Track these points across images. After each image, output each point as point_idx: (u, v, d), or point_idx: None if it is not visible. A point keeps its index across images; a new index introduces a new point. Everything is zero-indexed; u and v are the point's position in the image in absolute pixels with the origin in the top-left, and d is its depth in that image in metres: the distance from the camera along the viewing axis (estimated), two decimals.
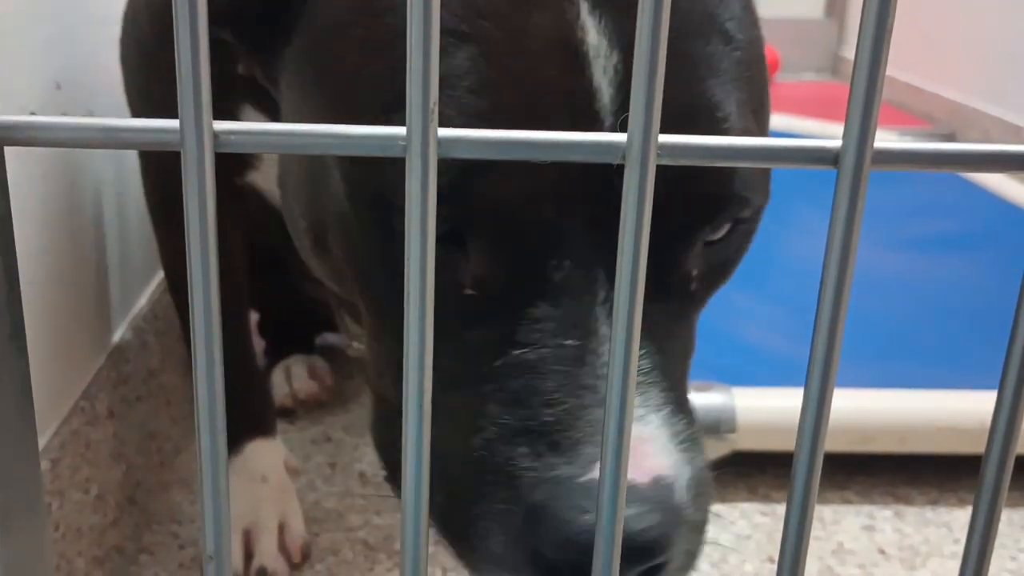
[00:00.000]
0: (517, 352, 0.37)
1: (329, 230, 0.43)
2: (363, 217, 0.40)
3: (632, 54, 0.38)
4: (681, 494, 0.37)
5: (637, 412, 0.37)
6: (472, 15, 0.37)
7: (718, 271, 0.45)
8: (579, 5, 0.38)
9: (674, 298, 0.41)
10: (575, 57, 0.37)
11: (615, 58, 0.37)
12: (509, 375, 0.37)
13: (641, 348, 0.37)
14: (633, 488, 0.35)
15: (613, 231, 0.38)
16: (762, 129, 0.43)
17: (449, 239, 0.38)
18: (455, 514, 0.39)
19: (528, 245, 0.37)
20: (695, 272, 0.43)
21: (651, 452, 0.37)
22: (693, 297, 0.44)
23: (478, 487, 0.38)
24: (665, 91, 0.39)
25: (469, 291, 0.39)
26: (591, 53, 0.37)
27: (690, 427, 0.40)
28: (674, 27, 0.39)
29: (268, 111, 0.54)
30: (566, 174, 0.37)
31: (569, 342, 0.37)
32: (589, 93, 0.37)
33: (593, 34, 0.38)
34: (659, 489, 0.36)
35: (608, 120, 0.38)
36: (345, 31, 0.41)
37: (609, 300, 0.38)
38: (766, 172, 0.44)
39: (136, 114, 0.68)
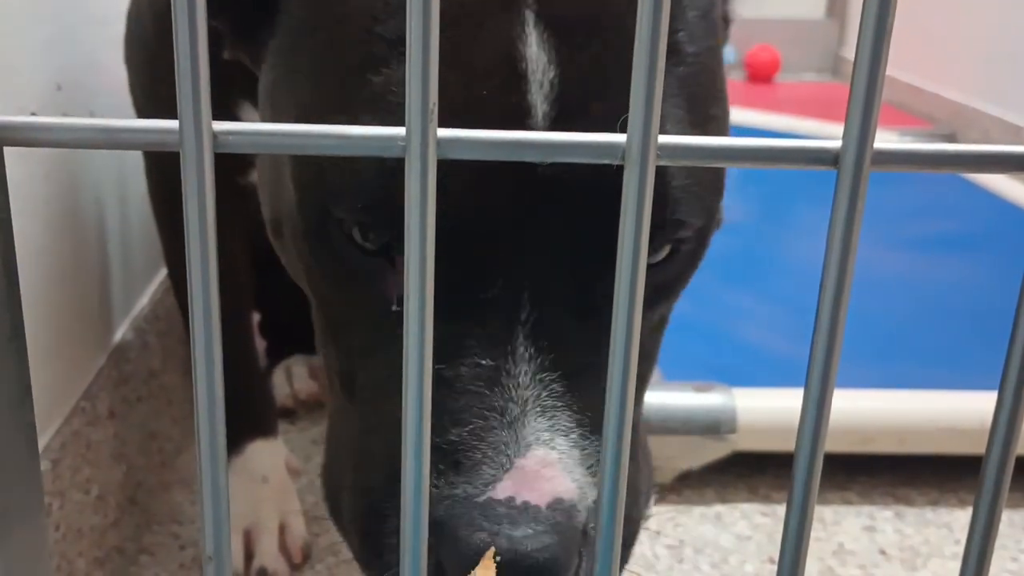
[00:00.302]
0: (435, 368, 0.38)
1: (284, 226, 0.44)
2: (307, 219, 0.41)
3: (569, 71, 0.39)
4: (583, 517, 0.37)
5: (544, 436, 0.37)
6: None
7: (661, 293, 0.44)
8: (525, 18, 0.38)
9: (606, 314, 0.41)
10: (513, 72, 0.38)
11: (552, 73, 0.38)
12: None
13: (555, 370, 0.38)
14: (529, 510, 0.35)
15: (539, 252, 0.38)
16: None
17: (381, 254, 0.39)
18: (362, 527, 0.40)
19: (453, 264, 0.37)
20: None
21: (552, 475, 0.36)
22: None
23: (385, 501, 0.38)
24: (597, 108, 0.39)
25: (396, 308, 0.40)
26: (529, 68, 0.38)
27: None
28: (618, 46, 0.39)
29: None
30: (495, 194, 0.37)
31: (485, 361, 0.38)
32: (522, 110, 0.38)
33: (534, 49, 0.38)
34: (557, 512, 0.36)
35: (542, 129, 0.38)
36: (313, 30, 0.42)
37: (531, 320, 0.38)
38: (715, 195, 0.43)
39: (140, 113, 0.68)
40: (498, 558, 0.34)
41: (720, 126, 0.45)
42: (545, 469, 0.36)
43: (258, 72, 0.48)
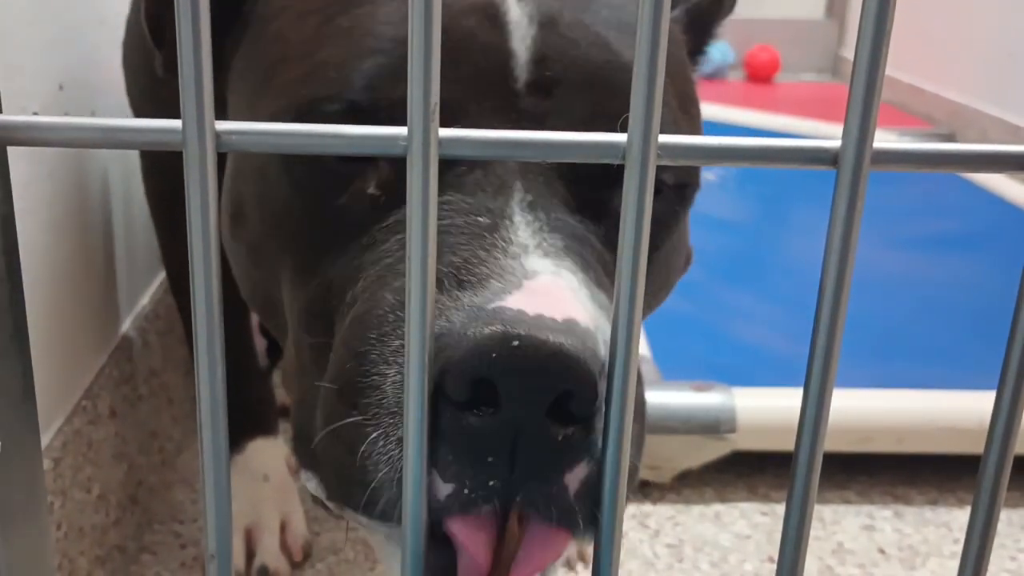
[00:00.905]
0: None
1: (247, 205, 0.44)
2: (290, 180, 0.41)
3: (549, 28, 0.41)
4: (601, 349, 0.31)
5: (550, 267, 0.34)
6: None
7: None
8: None
9: (599, 224, 0.40)
10: (494, 21, 0.40)
11: (533, 30, 0.41)
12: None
13: (556, 234, 0.36)
14: (545, 320, 0.30)
15: (524, 126, 0.39)
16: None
17: (359, 159, 0.40)
18: (359, 366, 0.35)
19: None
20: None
21: (564, 297, 0.32)
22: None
23: (386, 335, 0.34)
24: (577, 54, 0.40)
25: (372, 191, 0.39)
26: (511, 23, 0.41)
27: (611, 300, 0.37)
28: (596, 11, 0.41)
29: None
30: (479, 78, 0.39)
31: (481, 219, 0.36)
32: (505, 51, 0.40)
33: (515, 10, 0.41)
34: (575, 329, 0.31)
35: (522, 78, 0.40)
36: (278, 14, 0.44)
37: (527, 198, 0.37)
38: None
39: (137, 115, 0.68)
40: (515, 342, 0.29)
41: (695, 123, 0.47)
42: (556, 291, 0.33)
43: (225, 91, 0.48)
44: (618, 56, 0.41)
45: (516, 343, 0.29)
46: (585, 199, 0.40)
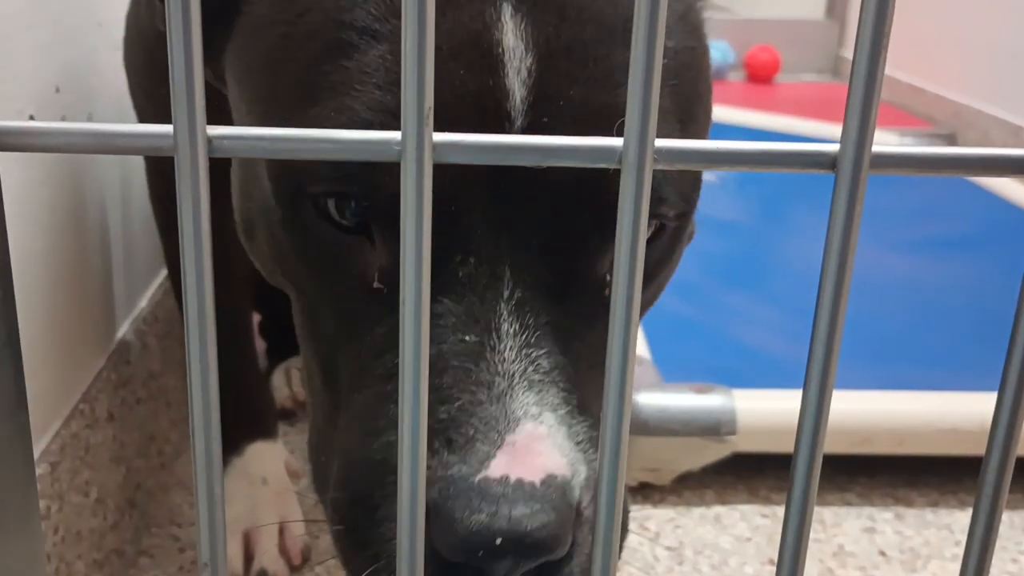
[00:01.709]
0: None
1: (256, 223, 0.44)
2: (283, 200, 0.41)
3: (546, 57, 0.39)
4: (575, 493, 0.36)
5: (532, 411, 0.37)
6: (388, 14, 0.38)
7: (648, 274, 0.44)
8: (500, 7, 0.38)
9: (585, 301, 0.41)
10: (488, 57, 0.38)
11: (529, 60, 0.38)
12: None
13: (542, 347, 0.38)
14: (523, 487, 0.35)
15: (519, 226, 0.38)
16: (691, 138, 0.43)
17: (359, 231, 0.39)
18: (357, 518, 0.39)
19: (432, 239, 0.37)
20: (609, 277, 0.42)
21: (543, 450, 0.36)
22: (607, 302, 0.43)
23: (378, 489, 0.38)
24: (576, 92, 0.39)
25: (377, 284, 0.39)
26: (506, 55, 0.38)
27: (593, 430, 0.39)
28: (595, 32, 0.39)
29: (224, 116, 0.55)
30: (472, 168, 0.37)
31: (469, 338, 0.37)
32: (500, 92, 0.38)
33: (510, 36, 0.38)
34: (551, 488, 0.35)
35: (519, 120, 0.38)
36: (269, 28, 0.42)
37: (514, 297, 0.38)
38: (694, 179, 0.43)
39: (140, 115, 0.67)
40: (498, 540, 0.34)
41: (700, 128, 0.45)
42: (536, 443, 0.36)
43: (224, 88, 0.48)
44: (617, 88, 0.39)
45: (499, 540, 0.34)
46: (570, 273, 0.40)
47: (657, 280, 0.45)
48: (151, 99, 0.65)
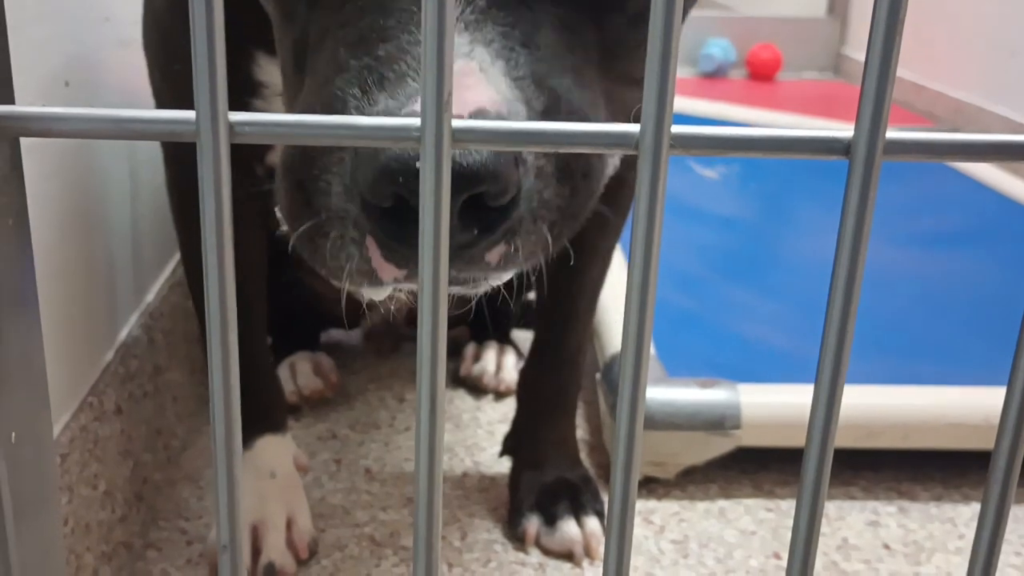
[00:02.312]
0: None
1: None
2: None
3: None
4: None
5: (463, 48, 0.36)
6: None
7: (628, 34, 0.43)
8: None
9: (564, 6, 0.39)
10: None
11: None
12: (343, 23, 0.38)
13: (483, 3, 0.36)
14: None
15: None
16: None
17: None
18: (302, 173, 0.38)
19: None
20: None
21: (470, 84, 0.35)
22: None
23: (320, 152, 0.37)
24: None
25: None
26: None
27: (539, 64, 0.37)
28: None
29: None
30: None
31: None
32: None
33: None
34: (486, 116, 0.34)
35: None
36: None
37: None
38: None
39: (159, 95, 0.67)
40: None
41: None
42: (465, 79, 0.35)
43: None
44: None
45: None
46: None
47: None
48: (166, 78, 0.65)
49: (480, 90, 0.35)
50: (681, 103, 1.86)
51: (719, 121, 1.78)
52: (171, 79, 0.64)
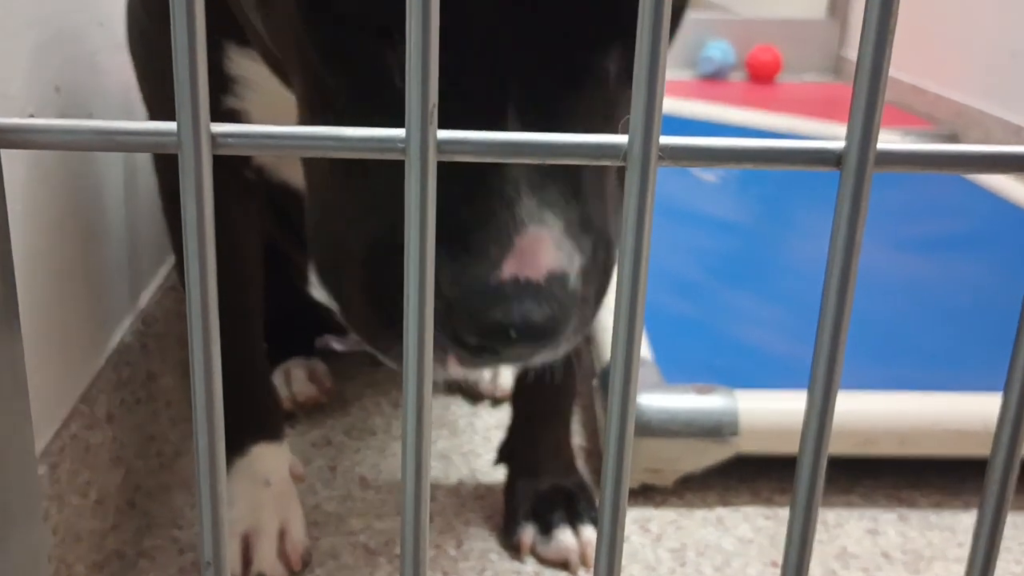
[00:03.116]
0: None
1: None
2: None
3: None
4: (572, 282, 0.41)
5: (535, 214, 0.41)
6: None
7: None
8: None
9: (591, 92, 0.42)
10: None
11: None
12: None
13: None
14: (530, 285, 0.40)
15: (525, 24, 0.39)
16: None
17: (380, 34, 0.40)
18: (386, 312, 0.42)
19: (450, 43, 0.38)
20: (614, 73, 0.43)
21: (545, 250, 0.41)
22: (609, 100, 0.44)
23: (394, 267, 0.40)
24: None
25: (399, 84, 0.41)
26: None
27: (583, 207, 0.42)
28: None
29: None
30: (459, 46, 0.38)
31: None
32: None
33: None
34: (553, 283, 0.40)
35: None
36: None
37: (521, 99, 0.40)
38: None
39: (146, 98, 0.67)
40: (512, 332, 0.40)
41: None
42: (539, 244, 0.40)
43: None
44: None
45: (513, 333, 0.40)
46: (574, 68, 0.41)
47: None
48: (147, 78, 0.65)
49: (551, 255, 0.41)
50: (680, 106, 1.85)
51: (718, 123, 1.78)
52: (153, 79, 0.64)
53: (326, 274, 0.46)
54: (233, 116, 0.60)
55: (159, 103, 0.65)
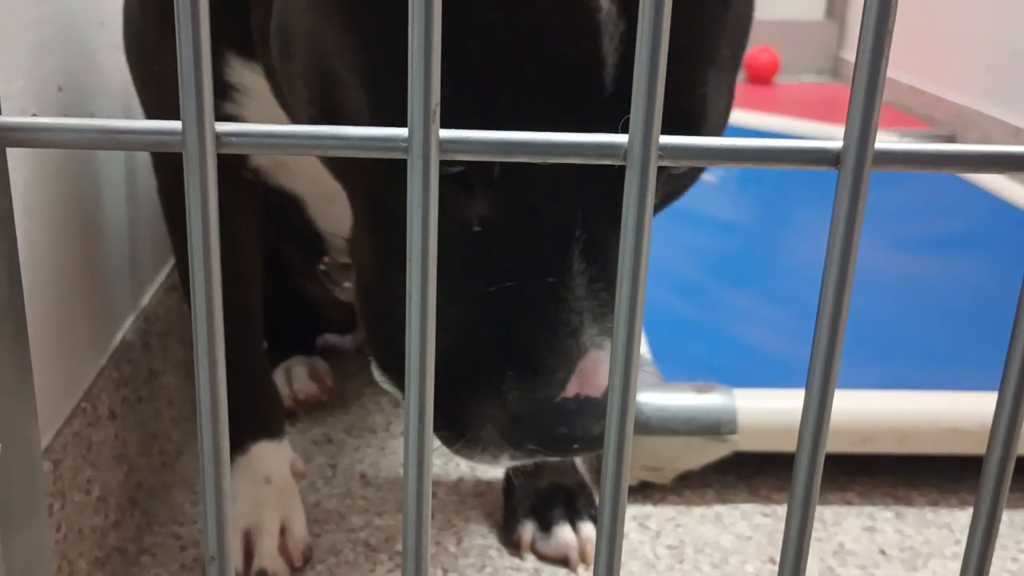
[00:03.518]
0: (509, 284, 0.45)
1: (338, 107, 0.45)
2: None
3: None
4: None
5: (596, 340, 0.45)
6: None
7: (670, 200, 0.50)
8: None
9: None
10: (584, 25, 0.39)
11: (622, 27, 0.39)
12: (501, 301, 0.45)
13: (601, 280, 0.44)
14: (590, 401, 0.44)
15: (593, 174, 0.41)
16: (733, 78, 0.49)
17: (456, 181, 0.42)
18: (454, 413, 0.45)
19: (521, 192, 0.42)
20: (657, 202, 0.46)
21: (603, 371, 0.45)
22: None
23: (474, 391, 0.45)
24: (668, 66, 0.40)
25: (476, 228, 0.44)
26: (601, 19, 0.39)
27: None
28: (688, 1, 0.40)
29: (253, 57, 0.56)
30: (564, 87, 0.40)
31: (550, 279, 0.44)
32: (596, 62, 0.39)
33: (606, 2, 0.39)
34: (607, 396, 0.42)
35: (609, 88, 0.40)
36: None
37: (583, 238, 0.44)
38: (728, 101, 0.48)
39: (143, 99, 0.67)
40: (576, 445, 0.44)
41: (731, 94, 0.49)
42: (599, 366, 0.44)
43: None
44: (707, 61, 0.43)
45: (576, 446, 0.44)
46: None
47: (673, 202, 0.51)
48: (143, 79, 0.65)
49: (607, 373, 0.43)
50: None
51: None
52: (149, 81, 0.64)
53: (390, 370, 0.49)
54: (232, 121, 0.60)
55: (156, 104, 0.65)
